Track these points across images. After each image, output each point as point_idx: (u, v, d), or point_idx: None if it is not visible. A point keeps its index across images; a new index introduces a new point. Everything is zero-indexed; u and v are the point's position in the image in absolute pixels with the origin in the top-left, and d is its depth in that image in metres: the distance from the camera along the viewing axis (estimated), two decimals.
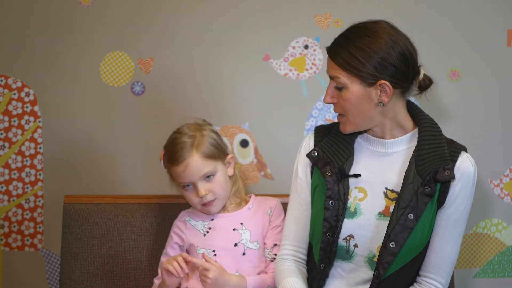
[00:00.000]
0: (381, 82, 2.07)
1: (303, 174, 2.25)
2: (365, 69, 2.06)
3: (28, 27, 2.82)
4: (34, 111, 2.84)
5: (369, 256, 2.13)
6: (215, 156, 2.33)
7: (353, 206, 2.16)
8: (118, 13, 2.82)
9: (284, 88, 2.81)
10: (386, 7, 2.77)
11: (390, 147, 2.18)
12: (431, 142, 2.14)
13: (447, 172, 2.09)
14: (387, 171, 2.17)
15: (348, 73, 2.07)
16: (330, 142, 2.21)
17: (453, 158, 2.13)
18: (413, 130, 2.19)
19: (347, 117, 2.13)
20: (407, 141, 2.18)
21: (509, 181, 2.79)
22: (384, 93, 2.09)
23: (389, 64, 2.07)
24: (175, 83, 2.82)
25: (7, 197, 2.86)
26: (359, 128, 2.16)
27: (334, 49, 2.10)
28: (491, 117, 2.78)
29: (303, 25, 2.80)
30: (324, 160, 2.18)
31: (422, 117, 2.20)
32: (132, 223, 2.56)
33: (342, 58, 2.07)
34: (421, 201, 2.08)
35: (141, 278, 2.54)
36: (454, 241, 2.14)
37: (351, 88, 2.09)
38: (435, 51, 2.77)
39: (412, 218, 2.08)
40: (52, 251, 2.87)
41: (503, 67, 2.77)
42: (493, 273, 2.82)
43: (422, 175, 2.10)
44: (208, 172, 2.30)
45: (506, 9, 2.76)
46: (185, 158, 2.29)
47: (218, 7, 2.80)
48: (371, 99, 2.10)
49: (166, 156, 2.35)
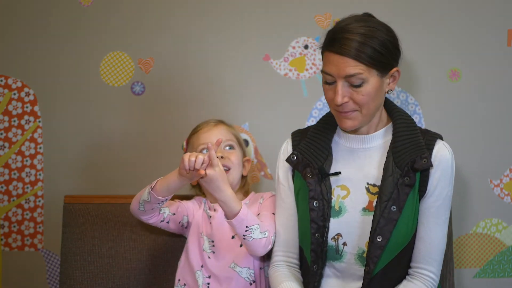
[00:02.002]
0: (395, 69, 2.14)
1: (284, 180, 2.28)
2: (386, 60, 2.11)
3: (28, 27, 2.82)
4: (34, 111, 2.84)
5: (358, 253, 2.15)
6: (239, 141, 2.46)
7: (337, 204, 2.18)
8: (118, 13, 2.82)
9: (284, 88, 2.81)
10: (386, 7, 2.77)
11: (368, 142, 2.21)
12: (406, 133, 2.17)
13: (424, 160, 2.12)
14: (366, 166, 2.20)
15: (370, 67, 2.08)
16: (308, 144, 2.23)
17: (429, 147, 2.16)
18: (388, 124, 2.22)
19: (361, 111, 2.13)
20: (383, 134, 2.21)
21: (509, 181, 2.79)
22: (394, 80, 2.15)
23: (396, 53, 2.14)
24: (175, 83, 2.83)
25: (7, 197, 2.86)
26: (364, 123, 2.18)
27: (352, 47, 2.06)
28: (491, 117, 2.78)
29: (303, 25, 2.80)
30: (303, 162, 2.20)
31: (395, 110, 2.24)
32: (132, 223, 2.56)
33: (365, 54, 2.07)
34: (402, 192, 2.11)
35: (141, 278, 2.54)
36: (440, 228, 2.17)
37: (371, 81, 2.10)
38: (435, 51, 2.77)
39: (396, 210, 2.10)
40: (52, 251, 2.87)
41: (503, 67, 2.77)
42: (493, 273, 2.82)
43: (400, 166, 2.13)
44: (229, 140, 2.42)
45: (506, 9, 2.76)
46: (211, 125, 2.45)
47: (218, 7, 2.80)
48: (383, 89, 2.15)
49: (191, 134, 2.48)
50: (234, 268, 2.34)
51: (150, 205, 2.28)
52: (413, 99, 2.79)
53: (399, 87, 2.78)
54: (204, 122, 2.49)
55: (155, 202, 2.27)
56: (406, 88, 2.79)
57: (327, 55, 2.13)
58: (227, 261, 2.34)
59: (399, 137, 2.17)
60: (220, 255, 2.35)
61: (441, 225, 2.17)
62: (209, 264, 2.35)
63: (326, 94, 2.16)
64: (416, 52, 2.77)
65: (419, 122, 2.78)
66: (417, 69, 2.78)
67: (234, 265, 2.34)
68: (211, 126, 2.45)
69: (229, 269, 2.34)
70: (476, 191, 2.79)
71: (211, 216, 2.39)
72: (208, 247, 2.36)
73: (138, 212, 2.33)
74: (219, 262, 2.35)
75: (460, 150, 2.76)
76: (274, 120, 2.81)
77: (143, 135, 2.83)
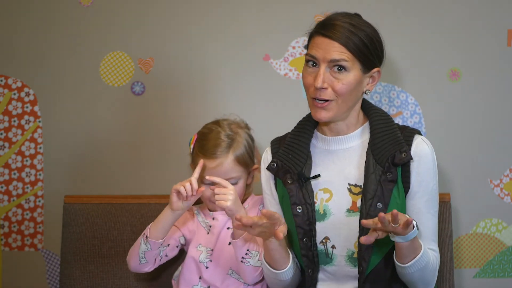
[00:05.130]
0: (376, 69, 2.15)
1: (267, 188, 2.29)
2: (372, 56, 2.13)
3: (28, 27, 2.82)
4: (34, 111, 2.84)
5: (348, 255, 2.16)
6: (246, 163, 2.33)
7: (321, 208, 2.18)
8: (118, 13, 2.82)
9: (284, 88, 2.81)
10: (385, 7, 2.77)
11: (346, 142, 2.22)
12: (384, 130, 2.18)
13: (404, 154, 2.13)
14: (346, 167, 2.20)
15: (355, 56, 2.11)
16: (286, 150, 2.24)
17: (408, 143, 2.17)
18: (364, 123, 2.23)
19: (337, 101, 2.14)
20: (360, 134, 2.22)
21: (509, 181, 2.79)
22: (373, 80, 2.16)
23: (381, 53, 2.17)
24: (175, 83, 2.82)
25: (7, 197, 2.86)
26: (338, 117, 2.17)
27: (342, 33, 2.11)
28: (491, 117, 2.78)
29: (303, 25, 2.79)
30: (283, 169, 2.21)
31: (371, 108, 2.25)
32: (132, 223, 2.56)
33: (353, 42, 2.10)
34: (386, 188, 2.12)
35: (141, 278, 2.54)
36: (431, 220, 2.18)
37: (353, 72, 2.12)
38: (435, 51, 2.77)
39: (381, 207, 2.11)
40: (52, 251, 2.87)
41: (503, 67, 2.77)
42: (493, 273, 2.82)
43: (381, 163, 2.13)
44: (233, 177, 2.31)
45: (506, 9, 2.76)
46: (219, 157, 2.30)
47: (218, 7, 2.80)
48: (362, 86, 2.16)
49: (199, 144, 2.34)
50: (231, 275, 2.33)
51: (151, 253, 2.29)
52: (413, 99, 2.79)
53: (399, 87, 2.79)
54: (211, 144, 2.31)
55: (156, 248, 2.28)
56: (406, 88, 2.79)
57: (315, 38, 2.16)
58: (225, 269, 2.33)
59: (377, 133, 2.18)
60: (219, 263, 2.33)
61: (431, 218, 2.18)
62: (206, 275, 2.33)
63: (306, 80, 2.16)
64: (416, 52, 2.77)
65: (419, 122, 2.78)
66: (417, 69, 2.78)
67: (231, 272, 2.33)
68: (214, 163, 2.30)
69: (227, 275, 2.33)
70: (476, 191, 2.79)
71: (212, 225, 2.37)
72: (205, 257, 2.34)
73: (140, 267, 2.31)
74: (217, 270, 2.33)
75: (460, 150, 2.77)
76: (274, 120, 2.81)
77: (143, 135, 2.83)
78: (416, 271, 2.08)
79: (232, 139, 2.32)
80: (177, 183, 2.25)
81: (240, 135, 2.34)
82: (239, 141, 2.32)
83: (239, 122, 2.41)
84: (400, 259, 2.08)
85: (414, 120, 2.77)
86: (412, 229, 2.00)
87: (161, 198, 2.59)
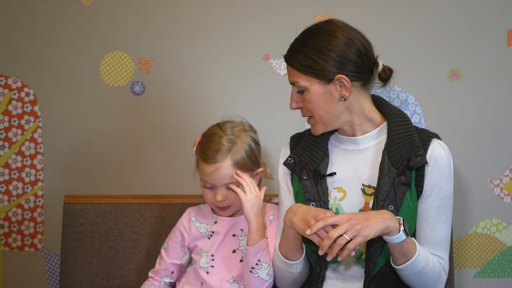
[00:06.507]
0: (338, 76, 2.11)
1: (284, 183, 2.29)
2: (321, 68, 2.10)
3: (28, 27, 2.82)
4: (34, 111, 2.85)
5: (357, 255, 2.16)
6: (246, 168, 2.29)
7: (334, 206, 2.18)
8: (118, 13, 2.82)
9: (284, 88, 2.81)
10: (385, 7, 2.77)
11: (361, 143, 2.21)
12: (401, 132, 2.17)
13: (419, 158, 2.12)
14: (361, 168, 2.20)
15: (306, 74, 2.12)
16: (304, 147, 2.25)
17: (424, 146, 2.15)
18: (382, 123, 2.21)
19: (315, 118, 2.17)
20: (376, 135, 2.21)
21: (509, 181, 2.79)
22: (344, 87, 2.13)
23: (345, 60, 2.11)
24: (175, 83, 2.83)
25: (7, 197, 2.86)
26: (329, 127, 2.18)
27: (290, 55, 2.16)
28: (491, 117, 2.78)
29: (303, 25, 2.79)
30: (300, 165, 2.22)
31: (389, 109, 2.23)
32: (132, 223, 2.56)
33: (298, 62, 2.12)
34: (399, 191, 2.11)
35: (141, 278, 2.54)
36: (441, 227, 2.16)
37: (311, 89, 2.13)
38: (435, 51, 2.78)
39: (393, 209, 2.10)
40: (52, 251, 2.87)
41: (503, 67, 2.77)
42: (493, 273, 2.82)
43: (396, 165, 2.13)
44: (232, 182, 2.27)
45: (506, 9, 2.77)
46: (217, 161, 2.25)
47: (218, 7, 2.81)
48: (332, 96, 2.13)
49: (200, 148, 2.31)
50: (232, 283, 2.30)
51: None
52: (413, 99, 2.79)
53: (399, 87, 2.79)
54: (210, 148, 2.28)
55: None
56: (406, 88, 2.79)
57: None
58: (226, 276, 2.30)
59: (394, 135, 2.17)
60: (220, 269, 2.30)
61: (441, 224, 2.16)
62: (208, 280, 2.30)
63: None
64: (416, 52, 2.77)
65: (419, 122, 2.78)
66: (417, 69, 2.78)
67: (232, 281, 2.31)
68: (212, 168, 2.26)
69: (227, 283, 2.29)
70: (476, 191, 2.79)
71: (214, 231, 2.35)
72: (205, 262, 2.31)
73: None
74: (218, 276, 2.30)
75: (460, 150, 2.77)
76: (274, 120, 2.81)
77: (143, 135, 2.83)
78: (410, 274, 2.09)
79: (232, 143, 2.27)
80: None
81: (241, 139, 2.29)
82: (239, 145, 2.28)
83: (244, 124, 2.35)
84: (393, 259, 2.10)
85: (414, 120, 2.77)
86: (398, 232, 2.01)
87: (161, 198, 2.59)
